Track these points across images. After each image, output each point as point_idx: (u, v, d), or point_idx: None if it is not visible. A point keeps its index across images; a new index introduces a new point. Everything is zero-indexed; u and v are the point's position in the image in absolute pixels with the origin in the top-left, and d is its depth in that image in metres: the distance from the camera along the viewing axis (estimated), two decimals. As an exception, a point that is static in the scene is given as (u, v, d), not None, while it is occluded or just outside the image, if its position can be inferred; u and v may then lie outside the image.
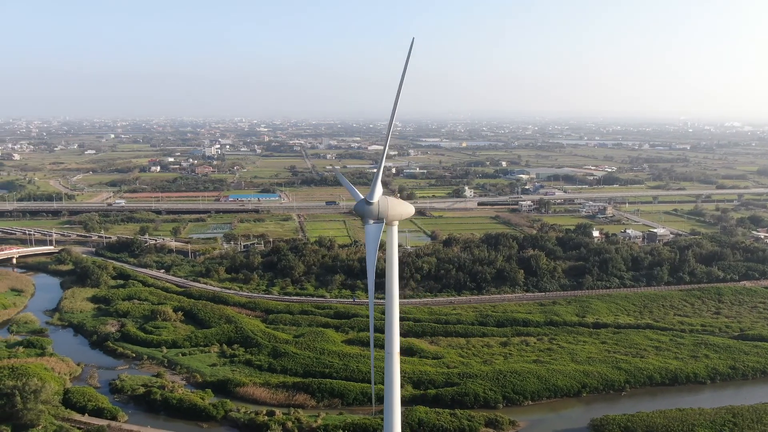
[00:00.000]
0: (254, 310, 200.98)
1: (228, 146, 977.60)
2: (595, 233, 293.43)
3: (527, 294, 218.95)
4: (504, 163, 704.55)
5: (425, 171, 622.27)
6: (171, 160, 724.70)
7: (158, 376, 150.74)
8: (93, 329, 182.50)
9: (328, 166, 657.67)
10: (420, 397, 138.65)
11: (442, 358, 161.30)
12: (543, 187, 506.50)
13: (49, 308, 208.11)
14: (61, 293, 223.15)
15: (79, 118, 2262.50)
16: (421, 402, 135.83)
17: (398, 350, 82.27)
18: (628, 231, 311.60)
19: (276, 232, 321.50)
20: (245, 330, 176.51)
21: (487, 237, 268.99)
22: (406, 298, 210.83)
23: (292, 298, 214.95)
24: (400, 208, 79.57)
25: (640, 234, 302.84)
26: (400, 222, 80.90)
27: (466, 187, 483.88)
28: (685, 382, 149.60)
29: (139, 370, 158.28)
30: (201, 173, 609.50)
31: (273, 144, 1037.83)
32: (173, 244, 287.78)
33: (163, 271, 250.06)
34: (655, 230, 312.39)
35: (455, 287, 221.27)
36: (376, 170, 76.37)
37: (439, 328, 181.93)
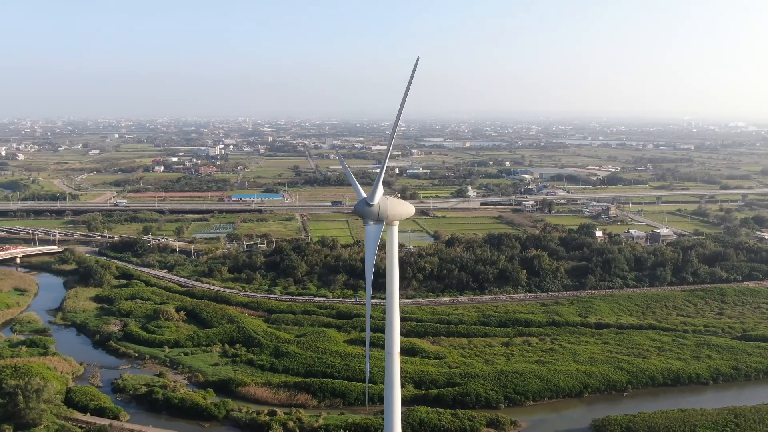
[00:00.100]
0: (256, 310, 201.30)
1: (232, 146, 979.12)
2: (598, 233, 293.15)
3: (530, 294, 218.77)
4: (507, 163, 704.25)
5: (428, 171, 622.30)
6: (175, 160, 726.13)
7: (160, 375, 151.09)
8: (96, 329, 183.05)
9: (331, 166, 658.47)
10: (421, 397, 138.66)
11: (444, 358, 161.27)
12: (546, 187, 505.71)
13: (53, 308, 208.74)
14: (65, 293, 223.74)
15: (83, 118, 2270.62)
16: (423, 402, 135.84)
17: (398, 350, 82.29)
18: (631, 231, 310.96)
19: (279, 232, 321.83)
20: (247, 330, 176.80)
21: (490, 237, 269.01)
22: (408, 298, 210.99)
23: (295, 297, 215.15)
24: (401, 209, 79.57)
25: (644, 234, 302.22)
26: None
27: (470, 187, 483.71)
28: (687, 383, 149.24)
29: (142, 369, 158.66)
30: (204, 173, 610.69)
31: (276, 144, 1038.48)
32: (176, 244, 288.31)
33: (166, 270, 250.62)
34: (659, 230, 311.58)
35: (458, 287, 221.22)
36: (378, 172, 76.15)
37: (441, 328, 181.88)
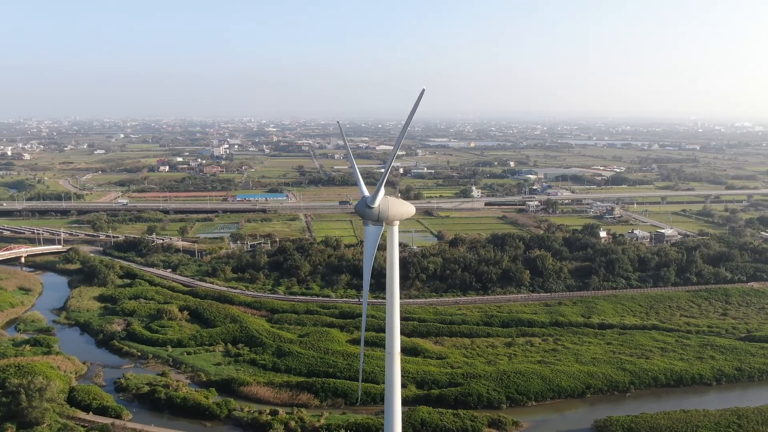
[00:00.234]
0: (259, 310, 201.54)
1: (236, 146, 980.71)
2: (603, 234, 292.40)
3: (533, 294, 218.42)
4: (512, 163, 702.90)
5: (433, 171, 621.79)
6: (179, 159, 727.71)
7: (163, 374, 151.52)
8: (99, 328, 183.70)
9: (336, 166, 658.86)
10: (423, 397, 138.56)
11: (447, 358, 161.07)
12: (551, 187, 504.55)
13: (57, 307, 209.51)
14: (69, 292, 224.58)
15: (89, 118, 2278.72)
16: (425, 402, 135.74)
17: (399, 350, 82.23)
18: (635, 231, 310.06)
19: (283, 232, 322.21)
20: (250, 329, 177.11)
21: (494, 237, 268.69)
22: (411, 298, 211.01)
23: (298, 297, 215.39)
24: (401, 208, 79.41)
25: (648, 234, 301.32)
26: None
27: (474, 187, 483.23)
28: (690, 384, 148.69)
29: (144, 368, 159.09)
30: (209, 173, 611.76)
31: (281, 144, 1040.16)
32: (180, 244, 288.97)
33: (169, 270, 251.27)
34: (663, 231, 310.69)
35: (461, 287, 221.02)
36: (381, 176, 75.73)
37: (444, 329, 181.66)
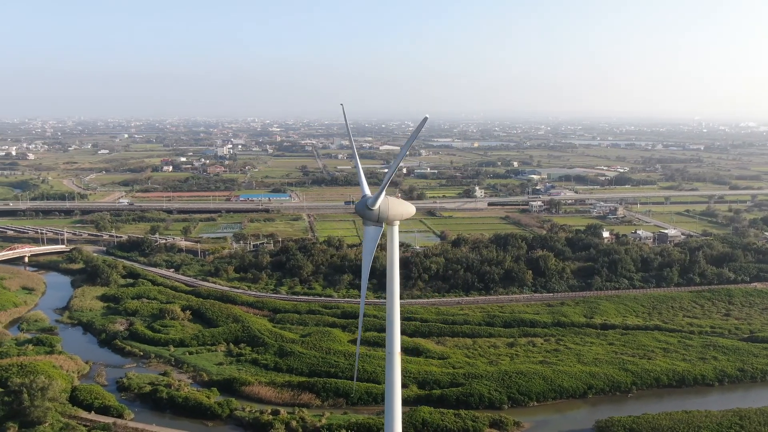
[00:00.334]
0: (262, 310, 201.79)
1: (240, 146, 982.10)
2: (606, 234, 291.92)
3: (535, 295, 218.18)
4: (515, 164, 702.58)
5: (436, 171, 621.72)
6: (183, 159, 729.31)
7: (165, 374, 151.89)
8: (102, 327, 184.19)
9: (339, 166, 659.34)
10: (425, 398, 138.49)
11: (448, 358, 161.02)
12: (554, 187, 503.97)
13: (60, 306, 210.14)
14: (72, 292, 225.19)
15: (93, 118, 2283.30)
16: (426, 402, 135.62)
17: (399, 350, 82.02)
18: (638, 232, 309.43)
19: (286, 232, 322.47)
20: (252, 329, 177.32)
21: (496, 237, 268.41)
22: (413, 298, 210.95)
23: (300, 297, 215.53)
24: (401, 208, 79.29)
25: (651, 235, 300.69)
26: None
27: (477, 188, 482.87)
28: (692, 384, 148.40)
29: (147, 368, 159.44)
30: (212, 173, 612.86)
31: (285, 144, 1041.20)
32: (183, 244, 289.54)
33: (172, 270, 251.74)
34: (666, 231, 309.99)
35: (463, 287, 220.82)
36: (384, 177, 75.62)
37: (446, 329, 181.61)
